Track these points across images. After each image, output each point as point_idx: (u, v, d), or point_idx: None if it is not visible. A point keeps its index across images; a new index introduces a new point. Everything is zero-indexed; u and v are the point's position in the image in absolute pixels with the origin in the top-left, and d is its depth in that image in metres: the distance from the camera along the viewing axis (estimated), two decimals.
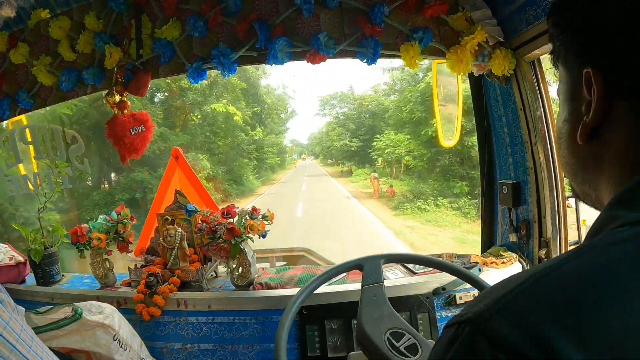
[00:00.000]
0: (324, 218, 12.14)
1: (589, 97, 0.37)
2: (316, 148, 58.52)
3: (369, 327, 0.85)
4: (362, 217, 12.90)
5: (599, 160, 0.38)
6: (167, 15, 1.30)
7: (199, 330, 1.26)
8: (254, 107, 21.78)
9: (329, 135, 33.57)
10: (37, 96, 1.51)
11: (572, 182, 0.44)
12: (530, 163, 1.32)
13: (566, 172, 0.44)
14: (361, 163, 25.21)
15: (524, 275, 0.31)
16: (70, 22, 1.42)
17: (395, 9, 1.25)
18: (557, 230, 1.31)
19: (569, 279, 0.29)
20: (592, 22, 0.36)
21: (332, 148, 31.56)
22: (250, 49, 1.24)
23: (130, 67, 1.31)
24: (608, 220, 0.34)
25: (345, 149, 26.01)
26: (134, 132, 1.36)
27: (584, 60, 0.37)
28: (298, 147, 75.41)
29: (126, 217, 1.39)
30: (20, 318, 0.49)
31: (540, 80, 1.31)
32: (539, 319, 0.27)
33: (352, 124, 26.87)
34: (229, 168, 17.86)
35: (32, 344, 0.48)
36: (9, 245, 1.65)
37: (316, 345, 1.19)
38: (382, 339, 0.84)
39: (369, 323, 0.86)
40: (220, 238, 1.23)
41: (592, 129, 0.37)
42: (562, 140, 0.43)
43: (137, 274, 1.35)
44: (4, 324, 0.45)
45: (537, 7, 1.14)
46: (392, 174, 18.59)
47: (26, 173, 1.63)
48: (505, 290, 0.31)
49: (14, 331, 0.46)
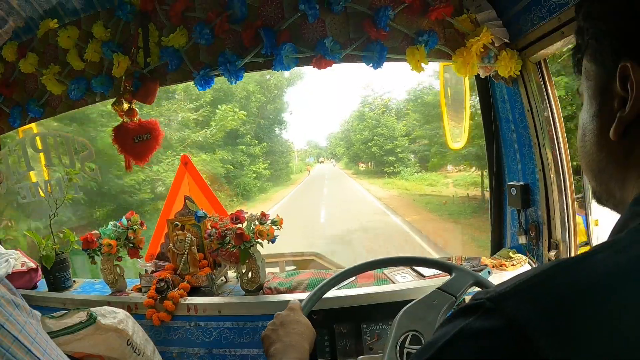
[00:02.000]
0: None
1: (622, 93, 0.36)
2: (338, 149, 49.82)
3: (403, 317, 0.85)
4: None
5: (630, 157, 0.37)
6: (174, 23, 1.31)
7: (209, 335, 1.27)
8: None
9: (369, 119, 27.36)
10: (46, 105, 1.53)
11: (596, 181, 0.43)
12: (538, 164, 1.32)
13: (590, 170, 0.43)
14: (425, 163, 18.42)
15: (552, 263, 0.32)
16: (79, 31, 1.44)
17: (400, 13, 1.25)
18: (566, 232, 1.30)
19: (597, 272, 0.30)
20: (634, 13, 0.35)
21: (372, 143, 25.42)
22: (257, 55, 1.24)
23: (138, 75, 1.33)
24: (632, 218, 0.35)
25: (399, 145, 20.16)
26: (137, 140, 1.38)
27: (621, 53, 0.36)
28: (314, 149, 67.06)
29: (136, 223, 1.40)
30: (35, 322, 0.50)
31: (547, 80, 1.31)
32: (560, 308, 0.28)
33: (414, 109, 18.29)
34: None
35: (47, 347, 0.48)
36: (21, 251, 1.68)
37: (326, 349, 1.19)
38: (401, 333, 0.83)
39: (408, 315, 0.85)
40: (230, 243, 1.24)
41: (627, 125, 0.36)
42: (588, 137, 0.41)
43: (147, 279, 1.36)
44: (19, 328, 0.45)
45: (542, 7, 1.14)
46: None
47: (37, 180, 1.66)
48: (530, 274, 0.32)
49: (29, 335, 0.46)
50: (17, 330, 0.46)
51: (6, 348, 0.44)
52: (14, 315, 0.46)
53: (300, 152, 61.86)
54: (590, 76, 0.40)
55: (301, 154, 60.97)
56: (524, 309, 0.29)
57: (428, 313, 0.86)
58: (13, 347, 0.44)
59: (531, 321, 0.28)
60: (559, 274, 0.30)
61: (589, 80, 0.41)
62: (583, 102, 0.43)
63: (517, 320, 0.28)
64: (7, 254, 1.61)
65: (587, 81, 0.41)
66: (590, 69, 0.40)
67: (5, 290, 0.48)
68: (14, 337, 0.45)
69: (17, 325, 0.46)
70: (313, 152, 66.99)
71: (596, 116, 0.40)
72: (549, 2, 1.11)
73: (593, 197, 0.45)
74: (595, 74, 0.39)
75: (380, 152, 26.05)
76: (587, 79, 0.41)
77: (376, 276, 1.34)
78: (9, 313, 0.46)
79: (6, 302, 0.47)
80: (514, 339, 0.27)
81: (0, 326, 0.44)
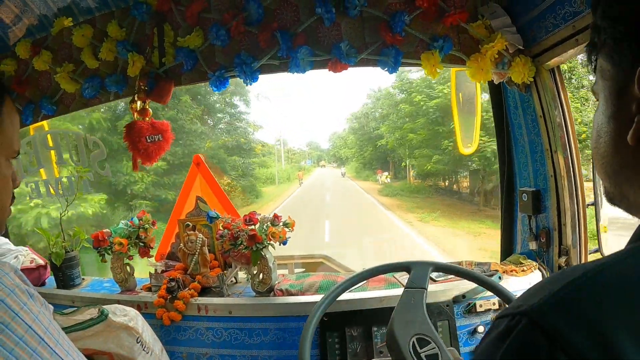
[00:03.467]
0: None
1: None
2: (342, 151, 41.18)
3: (398, 328, 0.86)
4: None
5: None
6: (190, 24, 1.32)
7: (220, 336, 1.27)
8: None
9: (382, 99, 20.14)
10: (60, 102, 1.53)
11: (610, 182, 0.42)
12: (550, 171, 1.32)
13: (604, 171, 0.42)
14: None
15: (578, 270, 0.31)
16: (93, 30, 1.45)
17: (416, 18, 1.26)
18: (577, 238, 1.31)
19: (628, 276, 0.29)
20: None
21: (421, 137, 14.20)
22: (272, 57, 1.25)
23: (153, 75, 1.33)
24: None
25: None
26: (149, 140, 1.38)
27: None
28: (315, 150, 58.99)
29: (147, 222, 1.41)
30: (48, 313, 0.50)
31: (560, 87, 1.31)
32: (598, 317, 0.27)
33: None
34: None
35: (59, 338, 0.49)
36: (30, 248, 1.68)
37: (336, 352, 1.19)
38: (407, 342, 0.85)
39: (400, 324, 0.87)
40: (242, 244, 1.24)
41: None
42: (603, 139, 0.40)
43: (157, 278, 1.37)
44: (33, 317, 0.46)
45: (557, 15, 1.14)
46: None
47: (47, 178, 1.66)
48: (560, 284, 0.31)
49: (42, 324, 0.46)
50: (31, 319, 0.46)
51: (20, 336, 0.44)
52: (28, 304, 0.47)
53: (297, 154, 53.68)
54: (606, 76, 0.39)
55: (297, 156, 52.63)
56: (564, 322, 0.28)
57: (414, 313, 0.90)
58: (26, 335, 0.44)
59: (573, 333, 0.27)
60: (582, 283, 0.30)
61: (605, 80, 0.40)
62: (598, 102, 0.42)
63: (560, 334, 0.28)
64: (17, 251, 1.61)
65: (603, 81, 0.40)
66: (607, 69, 0.39)
67: (20, 281, 0.49)
68: (28, 326, 0.45)
69: (31, 314, 0.46)
70: (313, 155, 58.66)
71: (613, 118, 0.39)
72: (563, 10, 1.12)
73: (605, 197, 0.44)
74: (612, 75, 0.38)
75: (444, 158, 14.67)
76: (603, 78, 0.40)
77: (387, 280, 1.35)
78: (23, 302, 0.46)
79: (21, 292, 0.47)
80: (560, 353, 0.27)
81: (15, 314, 0.44)
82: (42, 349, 0.45)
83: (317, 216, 13.71)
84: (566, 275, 0.32)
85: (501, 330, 0.31)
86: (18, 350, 0.43)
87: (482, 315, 1.25)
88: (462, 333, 1.24)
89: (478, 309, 1.23)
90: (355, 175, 34.98)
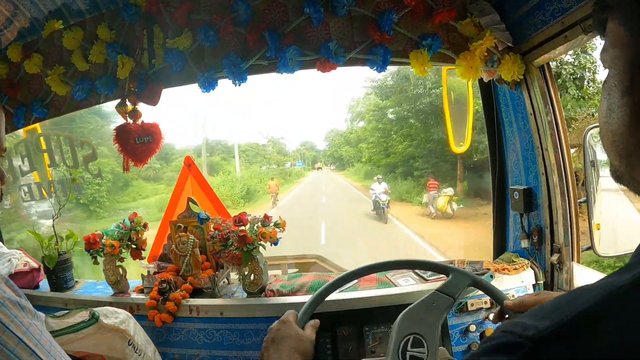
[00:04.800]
0: None
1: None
2: (343, 149, 31.22)
3: (405, 320, 0.85)
4: None
5: None
6: (179, 25, 1.32)
7: (211, 337, 1.27)
8: None
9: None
10: (51, 105, 1.53)
11: (620, 161, 0.38)
12: (541, 168, 1.32)
13: (614, 149, 0.38)
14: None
15: (598, 295, 0.29)
16: (83, 32, 1.45)
17: (404, 16, 1.26)
18: (569, 236, 1.30)
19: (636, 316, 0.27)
20: None
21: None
22: (261, 58, 1.25)
23: (143, 77, 1.33)
24: None
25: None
26: (138, 142, 1.38)
27: None
28: (310, 150, 49.87)
29: (139, 224, 1.41)
30: (40, 324, 0.51)
31: (550, 84, 1.31)
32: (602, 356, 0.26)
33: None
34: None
35: (50, 349, 0.49)
36: (23, 251, 1.68)
37: (328, 352, 1.19)
38: (402, 336, 0.83)
39: (408, 318, 0.85)
40: (232, 245, 1.24)
41: None
42: (616, 114, 0.36)
43: (150, 280, 1.37)
44: (24, 330, 0.46)
45: (545, 11, 1.14)
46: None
47: (40, 180, 1.67)
48: (577, 310, 0.29)
49: (34, 336, 0.47)
50: (22, 332, 0.46)
51: (11, 349, 0.44)
52: (19, 317, 0.47)
53: (291, 154, 44.63)
54: (619, 44, 0.35)
55: (289, 157, 43.10)
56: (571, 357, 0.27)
57: (428, 315, 0.86)
58: (18, 348, 0.45)
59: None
60: (602, 313, 0.28)
61: (616, 48, 0.35)
62: (609, 72, 0.38)
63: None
64: (10, 254, 1.61)
65: (615, 49, 0.36)
66: (622, 36, 0.35)
67: (10, 292, 0.49)
68: (19, 339, 0.45)
69: (22, 327, 0.46)
70: (309, 155, 48.98)
71: (628, 93, 0.35)
72: (552, 6, 1.11)
73: (612, 174, 0.40)
74: (629, 44, 0.34)
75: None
76: (615, 46, 0.36)
77: (379, 279, 1.35)
78: (14, 315, 0.46)
79: (11, 304, 0.47)
80: None
81: (5, 328, 0.45)
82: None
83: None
84: (585, 299, 0.29)
85: (504, 342, 0.30)
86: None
87: (473, 314, 1.24)
88: (454, 332, 1.24)
89: (470, 308, 1.23)
90: (360, 180, 22.31)
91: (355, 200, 16.40)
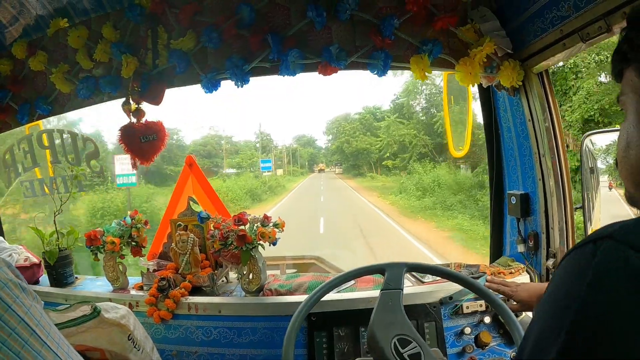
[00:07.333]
0: None
1: None
2: (361, 139, 25.73)
3: (378, 330, 0.87)
4: None
5: None
6: (183, 26, 1.34)
7: (209, 334, 1.29)
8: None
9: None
10: (55, 102, 1.55)
11: (636, 191, 0.44)
12: (538, 174, 1.33)
13: (632, 180, 0.44)
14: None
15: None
16: (88, 31, 1.47)
17: (406, 22, 1.27)
18: (564, 242, 1.31)
19: None
20: None
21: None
22: (263, 60, 1.27)
23: (147, 77, 1.35)
24: None
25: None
26: (144, 140, 1.40)
27: None
28: (305, 146, 42.52)
29: (140, 222, 1.42)
30: (39, 307, 0.52)
31: (548, 91, 1.32)
32: None
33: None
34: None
35: (50, 330, 0.50)
36: (24, 246, 1.70)
37: (324, 351, 1.21)
38: (389, 344, 0.85)
39: (380, 326, 0.88)
40: (232, 244, 1.25)
41: None
42: (634, 151, 0.42)
43: (149, 277, 1.38)
44: (25, 310, 0.47)
45: (545, 19, 1.16)
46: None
47: (42, 177, 1.68)
48: (629, 220, 0.33)
49: (34, 317, 0.48)
50: (23, 312, 0.47)
51: (12, 328, 0.45)
52: (20, 297, 0.48)
53: (279, 151, 37.01)
54: (636, 90, 0.41)
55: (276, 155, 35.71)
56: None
57: (393, 315, 0.90)
58: (19, 327, 0.46)
59: None
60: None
61: (635, 94, 0.41)
62: (626, 113, 0.44)
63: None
64: (11, 249, 1.62)
65: (633, 94, 0.42)
66: (638, 84, 0.41)
67: (13, 275, 0.50)
68: (20, 318, 0.47)
69: (24, 307, 0.48)
70: (304, 153, 38.96)
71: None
72: (551, 14, 1.13)
73: (627, 199, 0.46)
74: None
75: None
76: (633, 92, 0.42)
77: (375, 281, 1.36)
78: (15, 295, 0.48)
79: (14, 285, 0.48)
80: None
81: (8, 307, 0.46)
82: (34, 341, 0.47)
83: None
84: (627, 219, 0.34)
85: (587, 251, 0.33)
86: (11, 341, 0.44)
87: (468, 317, 1.26)
88: (449, 334, 1.25)
89: (465, 311, 1.24)
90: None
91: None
